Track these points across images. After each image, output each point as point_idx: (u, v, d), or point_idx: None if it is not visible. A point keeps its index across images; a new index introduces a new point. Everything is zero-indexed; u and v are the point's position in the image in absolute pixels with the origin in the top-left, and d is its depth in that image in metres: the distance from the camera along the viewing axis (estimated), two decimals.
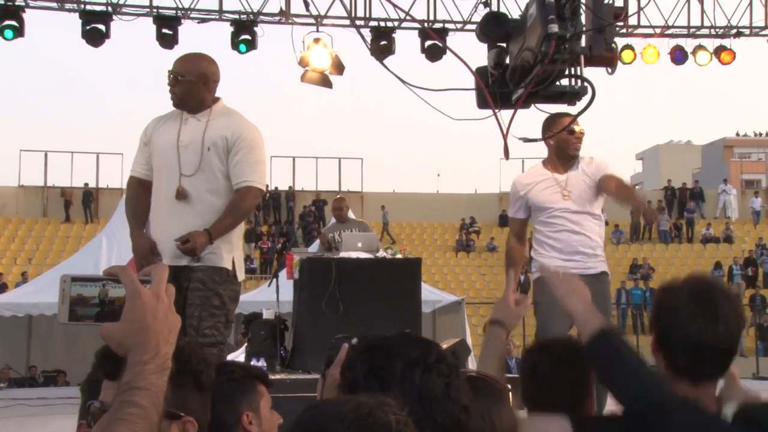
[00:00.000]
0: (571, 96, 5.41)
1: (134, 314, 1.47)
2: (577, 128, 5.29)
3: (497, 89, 5.55)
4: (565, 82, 5.36)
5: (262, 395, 2.38)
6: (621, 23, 13.66)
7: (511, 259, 5.63)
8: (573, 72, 5.33)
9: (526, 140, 5.58)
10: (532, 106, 5.51)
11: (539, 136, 5.47)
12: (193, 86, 4.40)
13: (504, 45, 5.98)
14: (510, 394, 1.96)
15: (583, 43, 5.28)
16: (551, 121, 5.35)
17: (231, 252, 4.44)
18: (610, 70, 5.44)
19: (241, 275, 4.50)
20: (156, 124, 4.55)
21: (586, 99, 5.40)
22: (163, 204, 4.39)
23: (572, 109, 5.42)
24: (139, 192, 4.56)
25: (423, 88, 5.48)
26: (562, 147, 5.29)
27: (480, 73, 5.65)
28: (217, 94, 4.53)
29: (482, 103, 5.70)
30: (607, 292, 5.47)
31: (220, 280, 4.40)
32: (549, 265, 2.96)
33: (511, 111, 5.48)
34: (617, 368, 2.17)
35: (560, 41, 5.06)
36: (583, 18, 5.28)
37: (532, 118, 5.53)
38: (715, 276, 23.37)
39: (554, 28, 5.05)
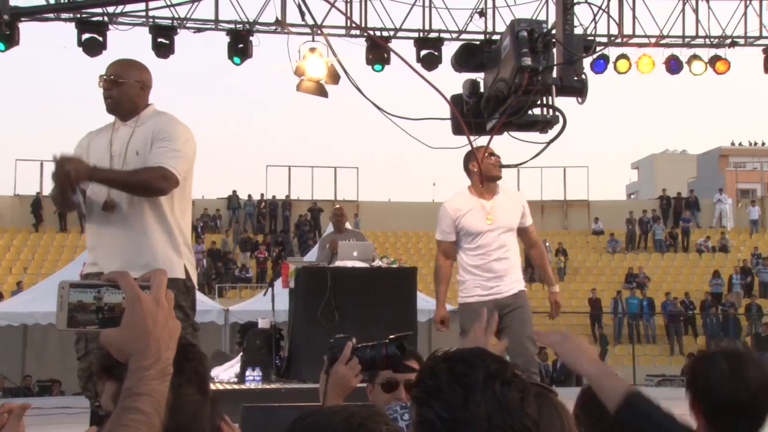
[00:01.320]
0: (543, 125, 5.75)
1: (134, 320, 1.47)
2: (494, 153, 5.87)
3: (472, 118, 5.85)
4: (536, 111, 5.70)
5: None
6: (616, 33, 13.72)
7: (442, 278, 6.14)
8: (545, 102, 5.65)
9: (504, 166, 6.01)
10: (506, 133, 5.83)
11: (515, 160, 5.99)
12: (131, 89, 4.30)
13: (476, 75, 6.26)
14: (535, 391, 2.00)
15: (554, 74, 5.56)
16: (471, 153, 5.89)
17: (181, 260, 4.28)
18: (580, 100, 5.70)
19: (194, 282, 4.36)
20: (90, 138, 4.43)
21: (556, 129, 5.73)
22: (95, 217, 4.25)
23: (544, 137, 5.74)
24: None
25: (401, 117, 5.86)
26: (486, 171, 5.84)
27: (455, 101, 5.94)
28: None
29: (457, 130, 6.00)
30: (527, 306, 5.96)
31: (178, 292, 4.18)
32: (547, 334, 3.08)
33: (487, 137, 5.82)
34: (652, 428, 2.24)
35: (533, 73, 5.35)
36: (554, 51, 5.57)
37: (509, 142, 5.84)
38: (746, 347, 23.75)
39: (527, 61, 5.30)
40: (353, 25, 13.00)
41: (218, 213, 28.89)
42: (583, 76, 5.72)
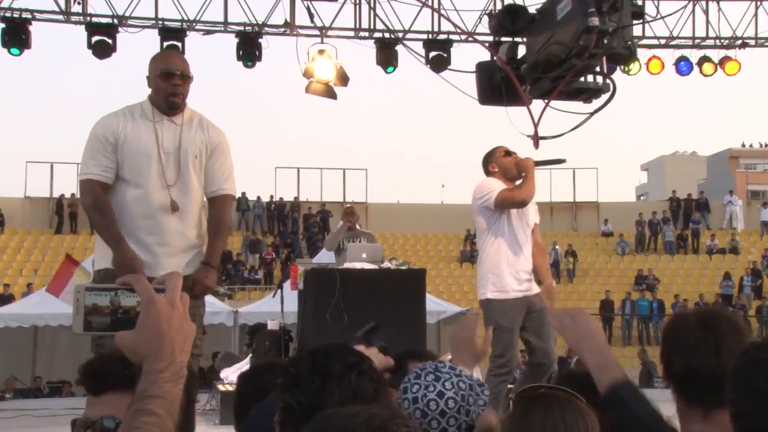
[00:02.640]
0: (591, 93, 5.48)
1: (149, 323, 1.47)
2: (511, 151, 5.72)
3: (506, 83, 5.63)
4: (581, 79, 5.40)
5: None
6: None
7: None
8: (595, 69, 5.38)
9: (542, 138, 5.80)
10: (541, 101, 5.59)
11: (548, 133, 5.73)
12: (190, 86, 4.22)
13: (515, 39, 6.01)
14: (584, 403, 1.98)
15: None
16: (490, 154, 5.76)
17: None
18: (627, 69, 5.52)
19: None
20: (119, 123, 4.16)
21: (598, 100, 5.49)
22: (157, 215, 4.12)
23: (588, 107, 5.51)
24: (106, 198, 4.16)
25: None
26: (506, 170, 5.68)
27: (482, 70, 5.74)
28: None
29: (486, 99, 5.84)
30: (545, 306, 5.79)
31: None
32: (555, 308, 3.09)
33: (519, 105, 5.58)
34: (630, 426, 2.20)
35: (601, 35, 5.05)
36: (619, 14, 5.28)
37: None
38: (723, 306, 23.36)
39: (595, 21, 5.05)
40: (360, 28, 13.01)
41: None
42: (630, 43, 5.47)
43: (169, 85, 4.10)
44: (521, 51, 6.20)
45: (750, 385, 1.76)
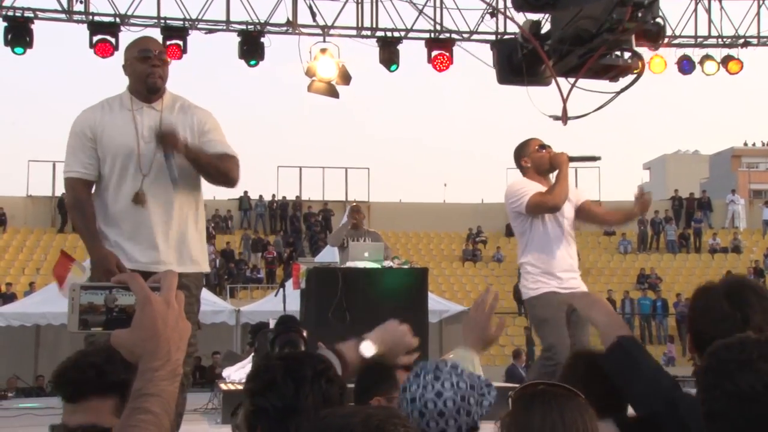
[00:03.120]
0: (620, 70, 5.25)
1: (145, 321, 1.47)
2: (546, 144, 5.51)
3: (528, 61, 5.38)
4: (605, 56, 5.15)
5: None
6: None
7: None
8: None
9: (557, 118, 5.55)
10: (561, 79, 5.37)
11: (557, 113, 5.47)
12: (168, 70, 4.11)
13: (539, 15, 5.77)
14: (583, 400, 1.97)
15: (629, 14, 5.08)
16: (523, 147, 5.55)
17: (205, 255, 4.26)
18: (654, 47, 5.31)
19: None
20: (96, 116, 4.06)
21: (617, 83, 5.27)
22: (131, 207, 4.01)
23: (614, 86, 5.32)
24: (88, 196, 4.07)
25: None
26: (540, 164, 5.48)
27: (501, 48, 5.51)
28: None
29: (505, 78, 5.62)
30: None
31: (200, 285, 4.24)
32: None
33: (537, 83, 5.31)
34: (632, 375, 2.22)
35: (636, 8, 4.86)
36: None
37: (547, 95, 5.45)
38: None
39: None
40: (362, 27, 13.01)
41: (229, 214, 28.95)
42: (659, 20, 5.22)
43: (147, 66, 4.01)
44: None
45: (718, 386, 1.76)
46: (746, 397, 1.71)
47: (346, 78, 12.52)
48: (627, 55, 5.23)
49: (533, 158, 5.48)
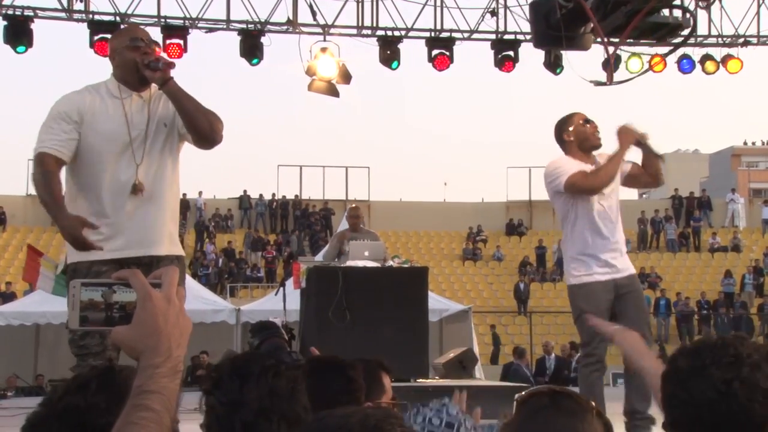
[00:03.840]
0: (670, 30, 4.98)
1: (145, 318, 1.47)
2: (590, 119, 5.21)
3: (566, 22, 5.09)
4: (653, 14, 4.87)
5: None
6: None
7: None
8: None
9: (598, 83, 5.25)
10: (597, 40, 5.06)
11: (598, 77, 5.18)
12: None
13: None
14: (594, 410, 1.87)
15: None
16: (566, 120, 5.25)
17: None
18: (702, 4, 5.06)
19: None
20: (85, 99, 3.98)
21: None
22: (120, 197, 3.93)
23: (661, 49, 5.07)
24: (57, 171, 3.92)
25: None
26: (583, 139, 5.19)
27: (537, 9, 5.23)
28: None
29: (541, 41, 5.36)
30: (641, 290, 5.37)
31: (183, 269, 4.10)
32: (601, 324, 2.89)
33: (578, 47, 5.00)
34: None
35: None
36: None
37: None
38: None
39: None
40: (362, 26, 13.01)
41: (230, 213, 28.95)
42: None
43: (138, 54, 3.93)
44: None
45: (675, 395, 1.74)
46: (700, 404, 1.68)
47: (346, 77, 12.53)
48: (677, 13, 4.92)
49: (578, 132, 5.17)
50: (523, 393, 1.95)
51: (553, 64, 13.12)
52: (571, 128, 5.18)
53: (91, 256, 3.86)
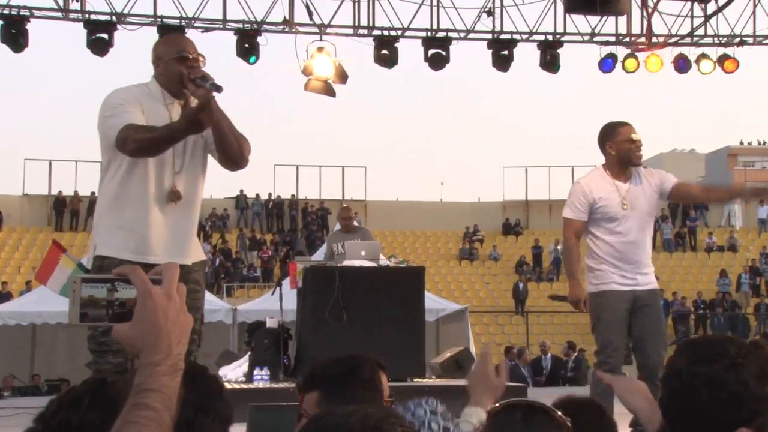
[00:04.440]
0: None
1: (145, 314, 1.45)
2: (635, 137, 5.29)
3: None
4: None
5: None
6: (625, 32, 13.67)
7: (574, 257, 5.46)
8: None
9: (635, 44, 5.25)
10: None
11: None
12: None
13: None
14: (570, 429, 1.86)
15: None
16: (612, 130, 5.33)
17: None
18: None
19: None
20: (141, 96, 3.98)
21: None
22: (158, 204, 3.95)
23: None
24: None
25: None
26: (624, 158, 5.29)
27: None
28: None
29: (575, 6, 5.31)
30: (660, 306, 5.45)
31: (204, 275, 4.23)
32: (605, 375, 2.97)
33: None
34: None
35: None
36: None
37: None
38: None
39: None
40: (359, 25, 13.01)
41: (226, 212, 28.94)
42: None
43: (185, 67, 3.91)
44: None
45: (674, 394, 1.77)
46: (696, 402, 1.71)
47: (342, 77, 12.53)
48: None
49: (620, 149, 5.27)
50: (498, 405, 1.92)
51: (549, 64, 13.14)
52: (615, 142, 5.28)
53: (123, 254, 3.84)
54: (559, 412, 1.88)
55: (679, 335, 22.97)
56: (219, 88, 3.79)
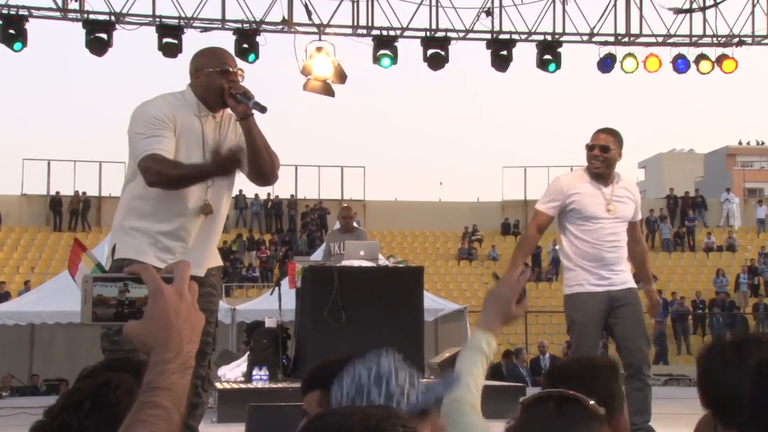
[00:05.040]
0: None
1: (156, 312, 1.44)
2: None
3: None
4: None
5: None
6: (623, 32, 13.68)
7: (526, 249, 5.58)
8: None
9: (679, 11, 5.23)
10: None
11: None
12: None
13: None
14: (604, 416, 1.84)
15: None
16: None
17: None
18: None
19: None
20: (175, 109, 3.95)
21: None
22: (190, 216, 3.97)
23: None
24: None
25: None
26: (588, 165, 5.36)
27: None
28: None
29: None
30: (639, 303, 5.46)
31: (220, 279, 4.26)
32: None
33: None
34: None
35: None
36: None
37: None
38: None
39: None
40: (358, 25, 13.00)
41: None
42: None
43: (226, 81, 3.93)
44: None
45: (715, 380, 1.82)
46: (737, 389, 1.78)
47: (341, 76, 12.53)
48: None
49: (587, 156, 5.36)
50: (530, 396, 1.91)
51: (544, 63, 13.14)
52: (586, 147, 5.37)
53: (146, 258, 3.83)
54: (592, 401, 1.86)
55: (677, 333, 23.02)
56: (263, 109, 3.84)
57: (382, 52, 12.78)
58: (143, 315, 1.46)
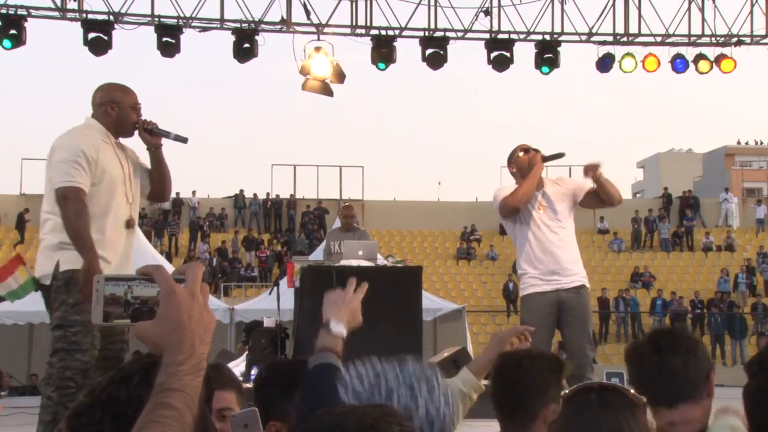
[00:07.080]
0: None
1: (169, 313, 1.44)
2: (529, 150, 5.61)
3: None
4: None
5: None
6: (622, 32, 13.69)
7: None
8: None
9: None
10: None
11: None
12: None
13: None
14: (645, 405, 1.88)
15: None
16: (510, 155, 5.70)
17: None
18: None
19: None
20: (96, 141, 4.38)
21: None
22: (120, 231, 4.42)
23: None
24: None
25: None
26: (521, 168, 5.60)
27: None
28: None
29: None
30: (588, 305, 5.63)
31: None
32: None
33: None
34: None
35: None
36: None
37: None
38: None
39: None
40: (356, 25, 13.00)
41: (224, 212, 28.93)
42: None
43: (137, 116, 4.47)
44: None
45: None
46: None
47: (340, 76, 12.53)
48: None
49: (517, 163, 5.63)
50: (570, 389, 1.93)
51: (541, 64, 13.15)
52: (512, 161, 5.66)
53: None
54: (633, 390, 1.89)
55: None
56: (185, 140, 4.46)
57: (377, 55, 12.79)
58: (155, 315, 1.46)
